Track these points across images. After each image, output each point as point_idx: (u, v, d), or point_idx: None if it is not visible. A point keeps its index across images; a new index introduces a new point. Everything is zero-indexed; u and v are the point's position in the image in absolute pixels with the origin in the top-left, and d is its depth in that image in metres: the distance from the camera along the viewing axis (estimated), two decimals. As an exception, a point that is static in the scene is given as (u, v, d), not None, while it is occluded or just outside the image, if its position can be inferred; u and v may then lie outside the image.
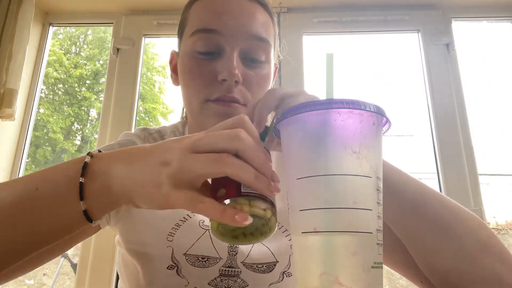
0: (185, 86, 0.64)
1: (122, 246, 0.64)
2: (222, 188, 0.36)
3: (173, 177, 0.35)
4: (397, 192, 0.50)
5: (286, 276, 0.62)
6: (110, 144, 0.67)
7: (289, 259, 0.62)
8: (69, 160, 0.42)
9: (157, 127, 0.75)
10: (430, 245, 0.48)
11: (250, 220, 0.33)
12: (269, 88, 0.67)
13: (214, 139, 0.36)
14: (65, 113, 6.58)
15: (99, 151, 0.43)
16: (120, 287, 0.71)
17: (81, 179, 0.39)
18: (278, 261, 0.61)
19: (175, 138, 0.39)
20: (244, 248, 0.61)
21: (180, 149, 0.36)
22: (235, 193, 0.35)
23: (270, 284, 0.60)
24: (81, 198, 0.38)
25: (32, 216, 0.39)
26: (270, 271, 0.60)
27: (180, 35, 0.68)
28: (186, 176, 0.35)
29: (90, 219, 0.40)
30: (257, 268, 0.60)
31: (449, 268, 0.47)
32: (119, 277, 0.70)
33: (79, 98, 6.76)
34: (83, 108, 6.79)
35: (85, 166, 0.40)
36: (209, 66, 0.60)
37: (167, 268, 0.58)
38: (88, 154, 0.42)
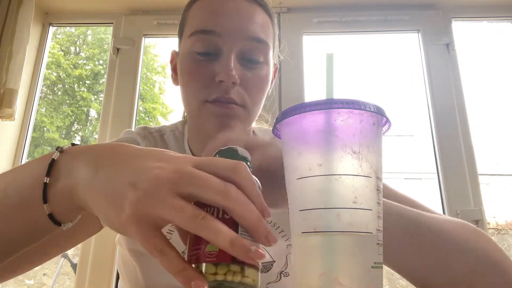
0: (184, 87, 0.64)
1: (123, 246, 0.64)
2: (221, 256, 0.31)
3: (136, 207, 0.30)
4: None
5: (284, 276, 0.62)
6: (109, 143, 0.67)
7: (286, 259, 0.63)
8: (42, 156, 0.39)
9: (157, 126, 0.75)
10: (420, 275, 0.47)
11: None
12: (268, 88, 0.67)
13: (200, 186, 0.30)
14: (65, 113, 6.59)
15: (73, 144, 0.39)
16: (120, 286, 0.71)
17: (46, 179, 0.35)
18: (275, 261, 0.61)
19: (159, 153, 0.34)
20: None
21: (157, 177, 0.30)
22: (228, 257, 0.30)
23: (267, 283, 0.60)
24: (45, 201, 0.35)
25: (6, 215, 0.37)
26: (268, 271, 0.61)
27: (180, 35, 0.68)
28: (149, 212, 0.30)
29: (58, 223, 0.37)
30: None
31: None
32: (120, 276, 0.70)
33: (78, 98, 6.77)
34: (81, 108, 6.79)
35: (51, 163, 0.36)
36: (207, 67, 0.60)
37: None
38: (57, 149, 0.38)
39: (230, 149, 0.39)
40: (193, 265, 0.31)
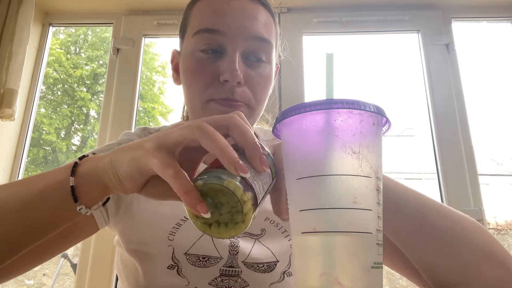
0: (187, 86, 0.64)
1: (122, 247, 0.64)
2: (213, 165, 0.36)
3: (157, 139, 0.37)
4: (396, 206, 0.48)
5: (287, 276, 0.62)
6: (109, 144, 0.67)
7: (290, 258, 0.63)
8: None
9: (157, 126, 0.75)
10: (431, 259, 0.47)
11: (208, 215, 0.32)
12: (271, 88, 0.67)
13: (209, 118, 0.38)
14: (63, 114, 6.57)
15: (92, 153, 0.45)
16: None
17: (77, 161, 0.42)
18: (278, 261, 0.61)
19: None
20: (244, 247, 0.61)
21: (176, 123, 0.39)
22: (218, 165, 0.35)
23: (270, 284, 0.60)
24: (72, 174, 0.41)
25: (29, 202, 0.41)
26: (271, 271, 0.60)
27: (182, 35, 0.68)
28: (165, 140, 0.37)
29: (75, 199, 0.41)
30: (258, 267, 0.60)
31: (451, 280, 0.47)
32: (118, 278, 0.70)
33: (76, 98, 6.75)
34: (80, 108, 6.78)
35: (84, 156, 0.44)
36: (211, 66, 0.60)
37: (167, 267, 0.58)
38: (93, 153, 0.45)
39: None
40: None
